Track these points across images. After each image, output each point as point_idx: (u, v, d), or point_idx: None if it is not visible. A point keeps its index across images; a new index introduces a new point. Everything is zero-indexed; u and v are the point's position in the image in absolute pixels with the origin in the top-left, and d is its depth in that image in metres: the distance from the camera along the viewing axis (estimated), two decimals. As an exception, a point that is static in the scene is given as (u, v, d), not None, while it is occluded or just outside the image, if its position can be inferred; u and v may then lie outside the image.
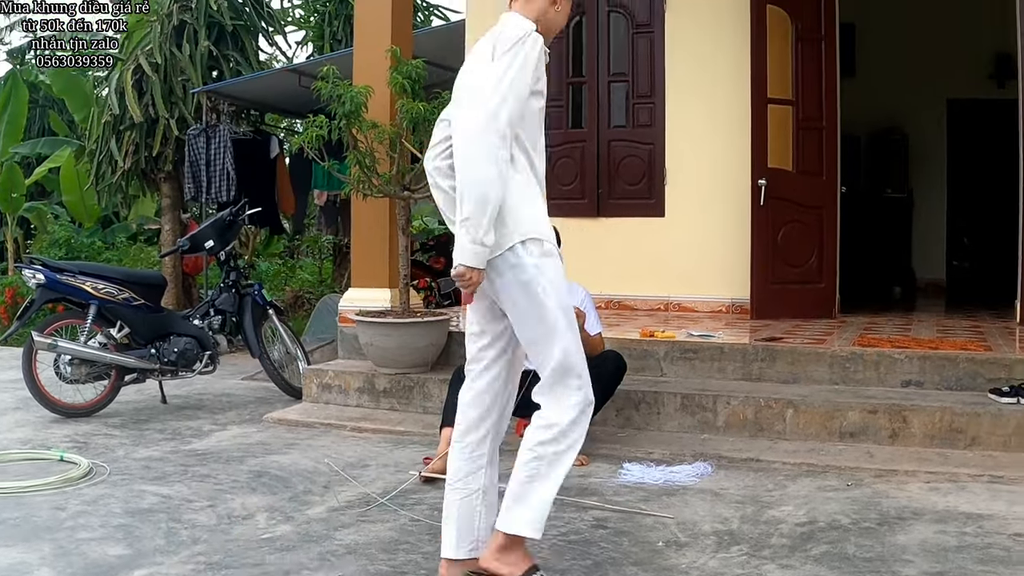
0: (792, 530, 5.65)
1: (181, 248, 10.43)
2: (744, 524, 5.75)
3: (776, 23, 10.44)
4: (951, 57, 14.91)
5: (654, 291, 11.26)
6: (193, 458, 7.47)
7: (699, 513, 5.99)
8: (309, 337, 12.34)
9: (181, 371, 9.42)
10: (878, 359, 8.22)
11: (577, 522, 5.81)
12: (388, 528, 5.76)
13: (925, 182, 15.71)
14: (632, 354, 8.37)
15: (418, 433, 8.09)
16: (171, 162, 15.50)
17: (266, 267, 20.74)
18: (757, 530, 5.66)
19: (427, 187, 5.12)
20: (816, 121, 10.51)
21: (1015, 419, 7.22)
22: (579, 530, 5.68)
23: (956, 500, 6.23)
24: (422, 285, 12.67)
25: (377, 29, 9.71)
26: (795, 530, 5.65)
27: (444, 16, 19.53)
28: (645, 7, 11.41)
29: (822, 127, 10.52)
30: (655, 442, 7.61)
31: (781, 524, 5.76)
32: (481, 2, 11.93)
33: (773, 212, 9.98)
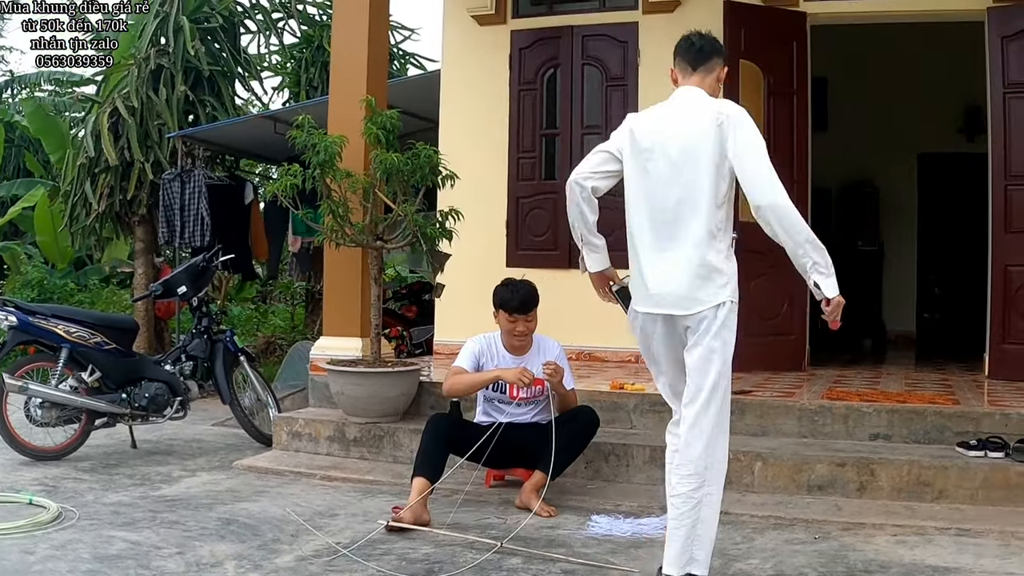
0: (759, 584, 5.68)
1: (154, 293, 10.42)
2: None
3: (748, 77, 10.53)
4: (921, 111, 15.08)
5: (625, 343, 11.20)
6: (162, 504, 7.43)
7: (666, 566, 6.00)
8: (280, 384, 12.33)
9: (152, 416, 9.35)
10: (846, 412, 8.25)
11: (545, 574, 5.80)
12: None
13: (896, 235, 15.85)
14: (602, 406, 8.35)
15: (388, 483, 8.06)
16: (145, 206, 15.50)
17: (238, 312, 20.71)
18: (724, 584, 5.68)
19: (400, 237, 5.63)
20: (788, 175, 10.47)
21: (982, 472, 7.26)
22: (547, 583, 5.69)
23: (923, 553, 6.25)
24: (394, 334, 12.69)
25: (352, 78, 9.75)
26: (762, 584, 5.68)
27: (420, 64, 19.63)
28: (619, 60, 11.50)
29: (793, 181, 10.54)
30: (624, 494, 7.61)
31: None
32: (457, 52, 12.06)
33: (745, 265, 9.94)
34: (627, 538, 6.61)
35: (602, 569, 5.93)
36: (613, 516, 7.06)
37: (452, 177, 8.90)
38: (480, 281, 7.93)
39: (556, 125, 11.81)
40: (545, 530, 6.71)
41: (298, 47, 18.63)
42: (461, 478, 7.45)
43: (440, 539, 6.47)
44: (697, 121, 5.35)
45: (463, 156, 10.70)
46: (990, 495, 7.21)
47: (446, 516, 6.93)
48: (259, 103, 18.96)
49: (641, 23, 11.42)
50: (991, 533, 6.63)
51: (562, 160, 11.67)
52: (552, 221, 11.62)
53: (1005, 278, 9.97)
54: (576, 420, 7.30)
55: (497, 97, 11.89)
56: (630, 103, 11.28)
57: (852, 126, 15.04)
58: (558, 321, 8.01)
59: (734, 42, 10.45)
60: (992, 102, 10.15)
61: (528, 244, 11.67)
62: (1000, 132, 10.03)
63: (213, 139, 15.16)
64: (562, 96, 11.76)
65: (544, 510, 7.02)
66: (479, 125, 11.94)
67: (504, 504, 7.40)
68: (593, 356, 11.40)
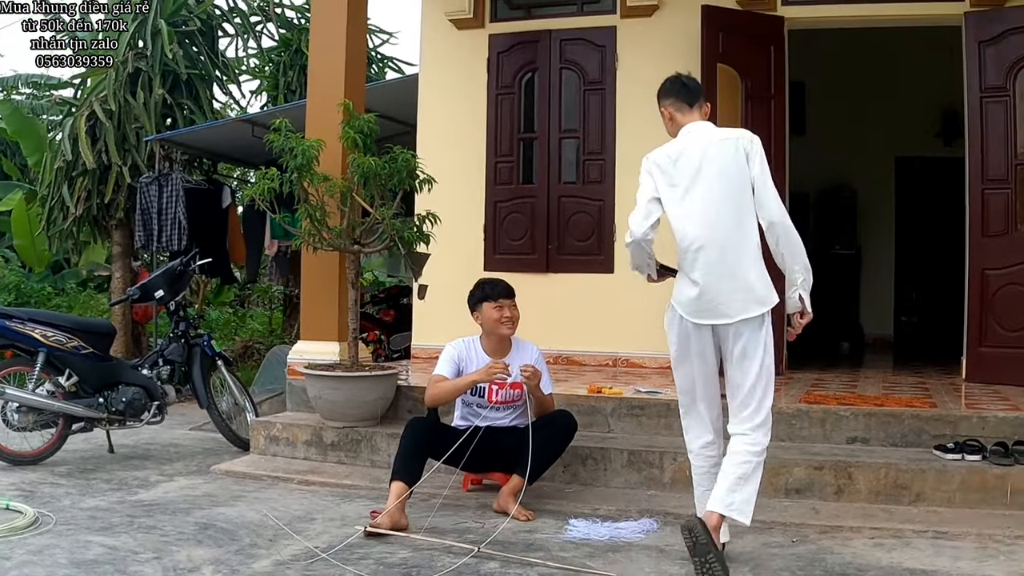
0: (737, 588, 5.68)
1: (131, 297, 10.36)
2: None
3: (726, 82, 10.56)
4: (899, 115, 15.12)
5: (603, 347, 11.29)
6: (140, 509, 7.40)
7: (644, 569, 6.00)
8: (258, 388, 12.31)
9: (129, 420, 9.32)
10: (824, 416, 8.28)
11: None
12: (333, 583, 5.75)
13: (874, 238, 15.90)
14: (580, 410, 8.36)
15: (365, 487, 8.04)
16: (123, 209, 15.45)
17: (216, 316, 20.65)
18: (701, 588, 5.67)
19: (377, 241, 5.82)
20: (765, 179, 10.60)
21: (959, 475, 7.29)
22: (524, 587, 5.69)
23: (900, 556, 6.27)
24: (371, 338, 12.67)
25: (330, 82, 9.74)
26: (739, 588, 5.68)
27: (399, 68, 19.62)
28: (597, 64, 11.52)
29: (771, 185, 10.62)
30: (601, 498, 7.62)
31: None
32: (435, 56, 12.06)
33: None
34: (605, 542, 6.61)
35: (580, 573, 5.92)
36: (591, 520, 7.06)
37: (430, 181, 8.90)
38: (458, 285, 7.92)
39: (534, 129, 11.82)
40: (523, 534, 6.70)
41: (276, 50, 18.60)
42: (439, 482, 7.46)
43: (418, 543, 6.45)
44: (727, 148, 6.00)
45: (441, 160, 10.72)
46: (967, 498, 7.25)
47: (424, 520, 6.91)
48: (237, 106, 18.97)
49: (619, 27, 11.46)
50: (968, 536, 6.67)
51: (540, 164, 11.71)
52: (529, 225, 11.67)
53: (982, 282, 10.02)
54: (554, 424, 7.30)
55: (475, 101, 11.90)
56: (608, 107, 11.34)
57: (830, 130, 15.07)
58: (536, 324, 8.01)
59: (712, 46, 10.51)
60: (969, 106, 10.20)
61: (506, 248, 11.68)
62: (977, 136, 10.08)
63: (191, 142, 15.15)
64: (540, 100, 11.78)
65: (522, 514, 7.02)
66: (457, 129, 11.95)
67: (482, 508, 7.38)
68: (571, 360, 11.41)
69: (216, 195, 15.19)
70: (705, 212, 5.99)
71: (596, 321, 11.32)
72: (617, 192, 11.36)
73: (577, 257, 11.49)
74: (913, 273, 16.00)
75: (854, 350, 14.73)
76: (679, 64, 10.74)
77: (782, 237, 5.89)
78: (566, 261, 11.55)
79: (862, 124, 15.21)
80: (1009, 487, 7.21)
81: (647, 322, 10.85)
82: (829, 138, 15.03)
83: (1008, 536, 6.64)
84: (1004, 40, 9.98)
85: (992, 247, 9.98)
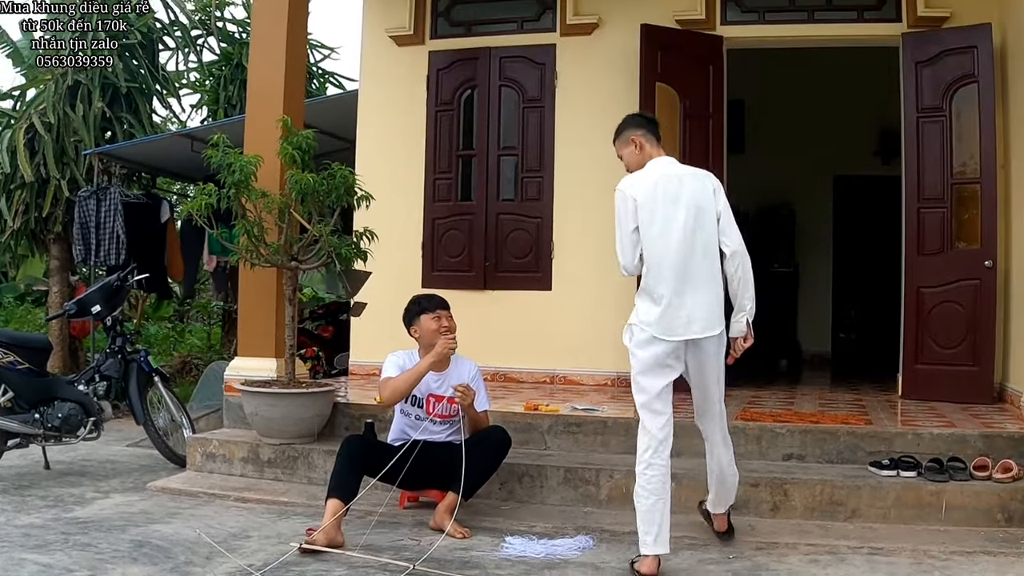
0: (671, 605, 5.70)
1: (68, 312, 10.29)
2: (624, 599, 5.79)
3: (665, 100, 10.61)
4: (838, 134, 15.22)
5: (540, 364, 11.31)
6: (75, 526, 7.33)
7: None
8: (196, 404, 12.25)
9: (65, 437, 9.23)
10: (760, 433, 8.34)
11: (457, 596, 5.81)
12: (268, 602, 5.73)
13: (812, 256, 16.00)
14: (516, 427, 8.39)
15: (302, 504, 8.01)
16: (61, 223, 15.37)
17: (155, 331, 20.56)
18: (636, 605, 5.69)
19: (315, 258, 5.90)
20: (703, 198, 10.66)
21: (894, 491, 7.37)
22: (459, 605, 5.68)
23: (836, 572, 6.32)
24: (309, 354, 12.62)
25: (269, 97, 9.72)
26: (674, 605, 5.70)
27: (340, 83, 19.56)
28: (536, 82, 11.55)
29: (709, 203, 10.67)
30: (538, 515, 7.62)
31: (661, 599, 5.79)
32: (375, 72, 12.05)
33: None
34: (541, 559, 6.60)
35: (515, 590, 5.93)
36: (527, 537, 7.06)
37: (367, 198, 8.87)
38: (395, 302, 7.89)
39: (473, 146, 11.80)
40: (459, 552, 6.70)
41: (217, 64, 18.51)
42: (375, 499, 7.44)
43: (354, 561, 6.44)
44: (702, 186, 6.54)
45: (379, 176, 10.73)
46: (902, 514, 7.33)
47: (360, 538, 6.89)
48: (177, 120, 18.87)
49: (559, 45, 11.50)
50: (903, 551, 6.73)
51: (478, 181, 11.71)
52: (467, 242, 11.66)
53: (918, 299, 10.12)
54: (488, 440, 7.32)
55: (414, 118, 11.88)
56: (547, 125, 11.36)
57: (769, 149, 15.16)
58: (473, 341, 8.01)
59: (650, 65, 10.57)
60: (906, 126, 10.31)
61: (444, 265, 11.67)
62: (913, 156, 10.19)
63: (130, 156, 15.07)
64: (479, 117, 11.77)
65: (458, 531, 7.02)
66: (396, 145, 11.93)
67: (418, 525, 7.37)
68: (508, 377, 11.41)
69: (155, 210, 15.08)
70: (683, 236, 6.40)
71: (534, 338, 11.33)
72: (555, 209, 11.41)
73: (515, 274, 11.51)
74: (851, 290, 16.11)
75: (792, 367, 14.79)
76: (618, 83, 10.90)
77: (741, 265, 6.47)
78: (504, 278, 11.56)
79: (801, 143, 15.31)
80: (944, 503, 7.29)
81: (585, 339, 10.91)
82: (768, 156, 15.11)
83: (943, 552, 6.70)
84: (941, 61, 10.10)
85: (928, 265, 10.09)
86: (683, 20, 11.02)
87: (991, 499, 7.27)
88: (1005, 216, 9.97)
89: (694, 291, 6.38)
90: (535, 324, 11.35)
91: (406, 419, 7.53)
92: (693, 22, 11.01)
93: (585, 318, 11.16)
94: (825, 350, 16.00)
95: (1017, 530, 7.13)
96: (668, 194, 6.45)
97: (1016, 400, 9.12)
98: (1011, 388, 9.65)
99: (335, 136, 13.24)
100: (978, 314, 9.87)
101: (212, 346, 18.95)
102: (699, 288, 6.40)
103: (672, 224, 6.40)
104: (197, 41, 18.29)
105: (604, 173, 10.80)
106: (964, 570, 6.38)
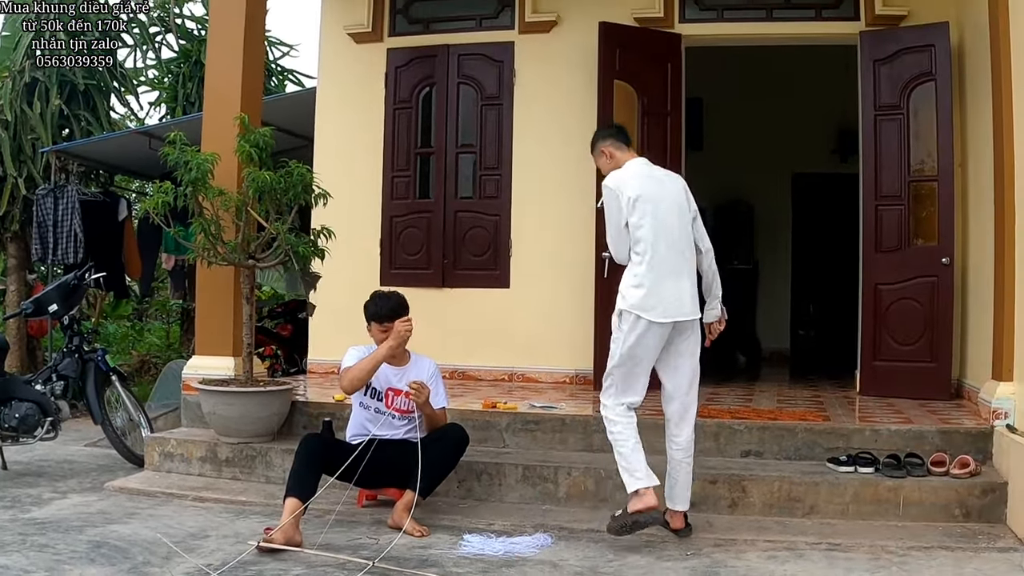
0: (629, 602, 5.70)
1: (25, 311, 10.23)
2: (581, 597, 5.78)
3: (623, 98, 10.63)
4: (796, 132, 15.26)
5: (498, 362, 11.31)
6: (32, 527, 7.28)
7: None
8: (154, 403, 12.19)
9: (22, 437, 9.18)
10: (718, 430, 8.37)
11: (416, 595, 5.80)
12: (225, 601, 5.70)
13: (771, 253, 16.03)
14: (474, 425, 8.39)
15: (260, 503, 7.98)
16: (18, 222, 15.30)
17: (114, 330, 20.45)
18: (594, 602, 5.69)
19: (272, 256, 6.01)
20: (661, 195, 10.67)
21: (852, 487, 7.41)
22: (417, 603, 5.67)
23: (794, 568, 6.33)
24: (268, 353, 12.57)
25: (227, 94, 9.67)
26: (632, 602, 5.70)
27: (299, 81, 19.49)
28: (494, 80, 11.55)
29: (667, 200, 10.69)
30: (496, 513, 7.62)
31: (618, 596, 5.80)
32: (333, 69, 12.02)
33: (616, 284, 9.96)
34: (499, 557, 6.60)
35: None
36: (485, 535, 7.06)
37: (325, 196, 8.86)
38: (353, 299, 7.88)
39: (431, 144, 11.78)
40: (417, 550, 6.69)
41: (176, 62, 18.35)
42: (334, 498, 7.42)
43: (312, 559, 6.42)
44: (676, 185, 7.21)
45: (337, 174, 10.73)
46: (860, 510, 7.38)
47: (318, 536, 6.87)
48: (135, 118, 18.77)
49: (517, 43, 11.51)
50: (861, 547, 6.77)
51: (436, 179, 11.70)
52: (425, 240, 11.65)
53: (875, 296, 10.17)
54: (445, 438, 7.32)
55: (372, 115, 11.87)
56: (505, 122, 11.36)
57: (727, 146, 15.17)
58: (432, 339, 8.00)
59: (608, 63, 10.57)
60: (864, 124, 10.37)
61: (402, 263, 11.66)
62: (871, 153, 10.24)
63: (88, 154, 14.97)
64: (437, 115, 11.76)
65: (416, 529, 7.01)
66: (354, 143, 11.92)
67: (376, 524, 7.36)
68: (466, 375, 11.41)
69: (112, 208, 15.00)
70: (670, 231, 6.99)
71: (492, 336, 11.33)
72: (513, 207, 11.42)
73: (473, 272, 11.51)
74: (809, 287, 16.15)
75: (751, 363, 14.85)
76: (576, 81, 10.91)
77: (712, 262, 7.27)
78: (462, 276, 11.55)
79: (759, 140, 15.32)
80: (902, 499, 7.34)
81: (543, 337, 10.91)
82: (726, 154, 15.13)
83: (901, 547, 6.75)
84: (898, 59, 10.14)
85: (885, 262, 10.14)
86: (641, 18, 11.04)
87: (949, 495, 7.32)
88: (962, 213, 10.04)
89: (679, 279, 6.93)
90: (493, 322, 11.37)
91: (366, 412, 7.53)
92: (651, 20, 11.04)
93: (543, 315, 11.17)
94: (784, 347, 16.04)
95: (975, 525, 7.19)
96: (654, 192, 7.02)
97: (973, 396, 9.15)
98: (968, 384, 9.71)
99: (293, 134, 13.20)
100: (936, 311, 9.92)
101: (171, 345, 18.87)
102: (683, 277, 6.96)
103: (661, 220, 6.95)
104: (156, 38, 18.19)
105: (562, 171, 10.86)
106: (922, 565, 6.41)
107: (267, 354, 12.50)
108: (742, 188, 15.84)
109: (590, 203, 10.07)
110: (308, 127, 12.28)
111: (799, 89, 14.91)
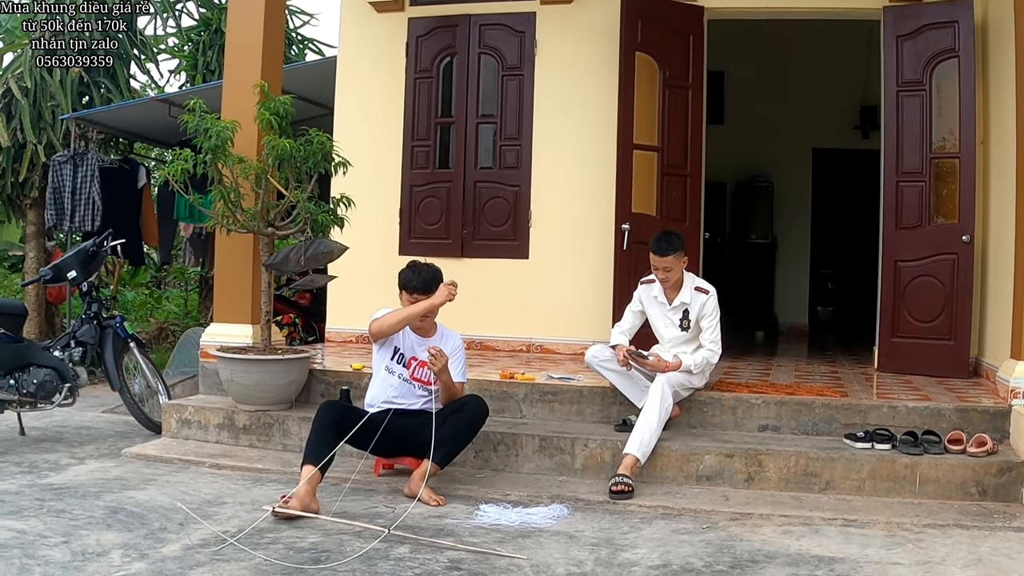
0: (646, 573, 5.65)
1: (43, 278, 10.22)
2: (598, 567, 5.75)
3: (644, 70, 10.59)
4: (818, 107, 15.23)
5: (517, 332, 11.32)
6: (49, 492, 7.29)
7: (553, 555, 5.98)
8: (172, 370, 12.21)
9: (40, 403, 9.15)
10: (735, 404, 8.35)
11: (432, 563, 5.76)
12: (242, 567, 5.65)
13: (790, 229, 16.01)
14: (492, 396, 8.41)
15: (277, 471, 7.99)
16: (37, 188, 15.30)
17: (132, 297, 20.49)
18: (611, 572, 5.65)
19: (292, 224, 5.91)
20: (681, 168, 10.65)
21: (869, 464, 7.39)
22: (433, 572, 5.62)
23: (809, 543, 6.30)
24: (286, 321, 12.59)
25: (247, 62, 9.65)
26: (648, 573, 5.65)
27: (319, 50, 19.45)
28: (515, 50, 11.52)
29: (687, 174, 10.67)
30: (513, 484, 7.62)
31: (635, 567, 5.76)
32: (354, 39, 11.98)
33: (636, 256, 10.01)
34: (515, 527, 6.59)
35: (489, 558, 5.91)
36: (502, 505, 7.05)
37: (345, 164, 8.85)
38: (372, 269, 7.90)
39: (451, 114, 11.76)
40: (433, 519, 6.69)
41: (196, 30, 18.33)
42: (350, 466, 7.45)
43: (328, 527, 6.43)
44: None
45: (358, 143, 10.74)
46: (876, 486, 7.36)
47: (334, 504, 6.88)
48: (155, 86, 18.76)
49: (539, 13, 11.46)
50: (877, 524, 6.74)
51: (456, 149, 11.69)
52: (445, 210, 11.65)
53: (895, 273, 10.13)
54: (464, 409, 7.29)
55: (393, 85, 11.85)
56: (526, 93, 11.34)
57: (749, 120, 15.17)
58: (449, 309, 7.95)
59: (631, 35, 10.53)
60: (886, 100, 10.30)
61: (421, 232, 11.65)
62: (893, 130, 10.19)
63: (107, 122, 14.96)
64: (458, 85, 11.73)
65: (432, 499, 7.00)
66: (374, 112, 11.90)
67: (393, 493, 7.36)
68: (485, 345, 11.44)
69: (131, 175, 15.02)
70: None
71: (510, 307, 11.33)
72: (533, 178, 11.41)
73: (492, 242, 11.51)
74: (828, 263, 16.15)
75: (768, 339, 14.81)
76: (598, 52, 10.87)
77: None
78: (481, 246, 11.55)
79: (781, 115, 15.31)
80: (918, 476, 7.32)
81: (561, 308, 10.91)
82: (748, 128, 15.13)
83: (916, 524, 6.72)
84: (922, 35, 10.07)
85: (905, 239, 10.09)
86: (664, -10, 10.95)
87: (965, 473, 7.29)
88: (983, 191, 9.99)
89: None
90: (512, 292, 11.38)
91: (389, 377, 7.49)
92: (674, -8, 10.95)
93: (562, 287, 11.16)
94: (802, 322, 16.02)
95: (991, 504, 7.17)
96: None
97: (991, 375, 9.13)
98: (987, 363, 9.69)
99: (313, 102, 13.18)
100: (955, 289, 9.87)
101: (189, 312, 18.90)
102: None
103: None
104: (176, 6, 18.19)
105: (582, 142, 10.83)
106: (937, 543, 6.38)
107: (285, 322, 12.52)
108: (763, 163, 15.83)
109: (610, 175, 10.05)
110: (328, 96, 12.27)
111: (821, 65, 14.87)
